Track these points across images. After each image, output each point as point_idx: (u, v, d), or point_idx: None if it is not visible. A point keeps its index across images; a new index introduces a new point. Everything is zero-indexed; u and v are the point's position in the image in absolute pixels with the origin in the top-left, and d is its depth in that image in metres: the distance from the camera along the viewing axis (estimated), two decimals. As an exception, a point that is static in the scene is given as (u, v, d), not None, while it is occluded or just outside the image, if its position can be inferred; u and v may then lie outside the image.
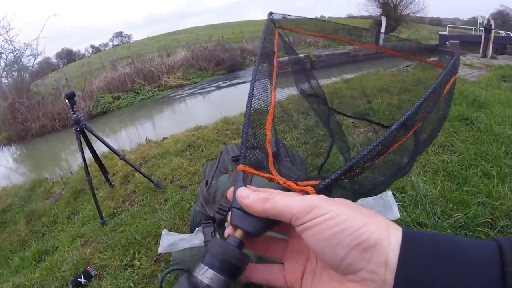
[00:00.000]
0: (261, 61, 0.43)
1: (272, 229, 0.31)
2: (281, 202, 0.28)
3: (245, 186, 0.31)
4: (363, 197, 0.41)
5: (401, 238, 0.24)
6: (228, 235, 0.31)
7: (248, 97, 0.37)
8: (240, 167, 0.32)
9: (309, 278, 0.30)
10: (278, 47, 0.50)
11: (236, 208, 0.30)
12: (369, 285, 0.24)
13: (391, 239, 0.24)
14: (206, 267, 0.28)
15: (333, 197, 0.28)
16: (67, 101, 2.11)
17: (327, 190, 0.30)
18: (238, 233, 0.30)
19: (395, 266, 0.23)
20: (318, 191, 0.30)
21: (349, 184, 0.34)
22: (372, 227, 0.25)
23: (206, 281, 0.27)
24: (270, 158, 0.34)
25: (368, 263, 0.24)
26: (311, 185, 0.30)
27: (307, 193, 0.30)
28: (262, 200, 0.29)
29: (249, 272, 0.31)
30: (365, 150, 0.30)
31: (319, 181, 0.31)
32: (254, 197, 0.29)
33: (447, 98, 0.42)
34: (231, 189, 0.32)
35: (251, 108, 0.36)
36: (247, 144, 0.34)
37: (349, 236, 0.24)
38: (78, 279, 1.61)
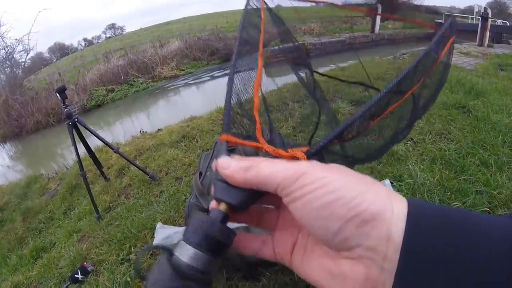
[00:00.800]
0: (245, 28, 0.39)
1: (260, 200, 0.28)
2: (265, 170, 0.25)
3: (229, 156, 0.28)
4: (359, 165, 0.38)
5: (407, 208, 0.21)
6: (212, 209, 0.27)
7: (232, 63, 0.34)
8: (223, 136, 0.29)
9: (300, 252, 0.28)
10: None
11: (219, 180, 0.27)
12: (366, 262, 0.21)
13: (394, 209, 0.21)
14: (187, 245, 0.25)
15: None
16: (58, 95, 2.07)
17: (320, 156, 0.27)
18: (222, 206, 0.27)
19: (399, 240, 0.20)
20: (310, 157, 0.26)
21: (344, 150, 0.31)
22: (371, 196, 0.22)
23: (187, 260, 0.24)
24: (258, 126, 0.30)
25: (367, 239, 0.21)
26: (302, 151, 0.26)
27: (297, 159, 0.26)
28: (244, 169, 0.25)
29: (236, 242, 0.28)
30: (360, 111, 0.27)
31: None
32: (236, 166, 0.26)
33: (445, 62, 0.40)
34: (215, 161, 0.28)
35: (234, 73, 0.33)
36: (231, 113, 0.31)
37: (344, 207, 0.21)
38: (75, 275, 1.60)
